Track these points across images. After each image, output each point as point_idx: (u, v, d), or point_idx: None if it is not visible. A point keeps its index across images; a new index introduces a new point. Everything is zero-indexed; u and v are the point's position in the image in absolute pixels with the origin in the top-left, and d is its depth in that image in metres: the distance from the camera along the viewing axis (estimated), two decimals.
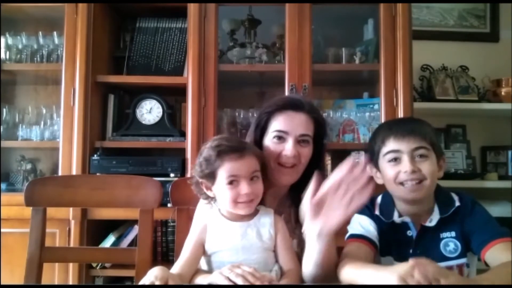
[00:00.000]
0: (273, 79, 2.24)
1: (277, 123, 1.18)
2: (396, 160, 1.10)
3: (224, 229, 1.09)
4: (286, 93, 2.06)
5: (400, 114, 2.05)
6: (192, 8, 2.09)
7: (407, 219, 1.12)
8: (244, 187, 1.05)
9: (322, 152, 1.23)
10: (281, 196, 1.25)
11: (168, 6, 2.17)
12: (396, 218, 1.13)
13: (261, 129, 1.21)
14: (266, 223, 1.10)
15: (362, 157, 2.21)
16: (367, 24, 2.32)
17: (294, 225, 1.22)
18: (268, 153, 1.17)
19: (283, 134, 1.17)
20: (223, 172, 1.06)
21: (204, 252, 1.09)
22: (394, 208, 1.14)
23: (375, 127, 2.16)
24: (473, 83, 2.52)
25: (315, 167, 1.18)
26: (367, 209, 1.15)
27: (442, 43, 2.63)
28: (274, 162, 1.17)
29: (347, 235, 1.15)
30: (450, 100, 2.44)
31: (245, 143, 1.14)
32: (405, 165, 1.08)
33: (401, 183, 1.09)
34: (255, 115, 2.21)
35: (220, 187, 1.07)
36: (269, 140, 1.19)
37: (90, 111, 2.07)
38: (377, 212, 1.15)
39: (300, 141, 1.17)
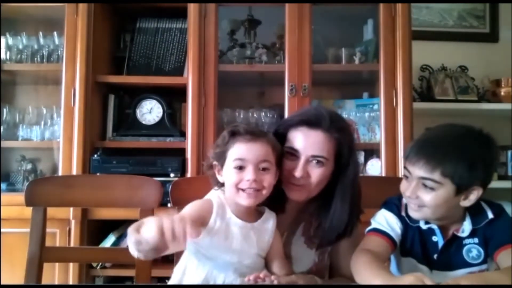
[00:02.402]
0: (273, 79, 2.25)
1: (291, 140, 1.11)
2: (407, 178, 1.08)
3: (228, 223, 1.03)
4: (286, 93, 2.06)
5: (400, 114, 2.05)
6: (192, 8, 2.09)
7: (434, 226, 1.11)
8: (248, 173, 0.99)
9: (346, 175, 1.11)
10: (303, 203, 1.19)
11: (168, 6, 2.17)
12: (422, 224, 1.11)
13: (279, 140, 1.14)
14: (268, 230, 1.07)
15: (361, 157, 2.23)
16: (366, 24, 2.33)
17: (313, 234, 1.18)
18: (282, 169, 1.12)
19: (294, 152, 1.10)
20: (232, 153, 1.01)
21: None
22: None
23: (375, 127, 2.19)
24: (472, 83, 2.52)
25: (336, 189, 1.13)
26: (395, 207, 1.14)
27: (442, 43, 2.64)
28: (285, 178, 1.12)
29: (370, 227, 1.14)
30: (450, 100, 2.45)
31: (264, 131, 1.07)
32: (408, 188, 1.06)
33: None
34: (255, 115, 2.24)
35: (227, 169, 1.02)
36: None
37: (90, 111, 2.07)
38: (403, 213, 1.13)
39: (312, 161, 1.09)
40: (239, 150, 1.01)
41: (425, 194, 1.03)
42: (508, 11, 2.63)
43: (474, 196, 1.04)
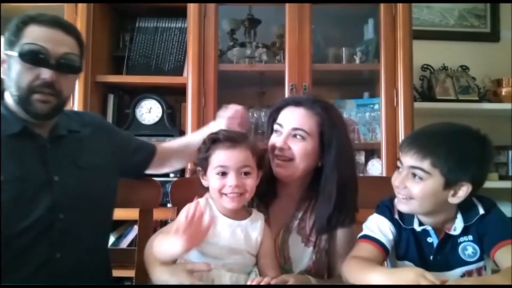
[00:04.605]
0: (273, 79, 2.24)
1: (278, 118, 1.20)
2: (399, 168, 1.09)
3: (215, 221, 1.06)
4: (286, 93, 2.06)
5: (401, 114, 2.05)
6: (192, 8, 2.08)
7: (428, 227, 1.10)
8: (230, 179, 1.04)
9: (332, 152, 1.15)
10: (298, 198, 1.23)
11: (168, 6, 2.17)
12: (416, 226, 1.10)
13: (271, 126, 1.23)
14: (256, 228, 1.09)
15: (362, 157, 2.22)
16: (367, 24, 2.32)
17: (309, 232, 1.20)
18: (268, 146, 1.19)
19: (279, 127, 1.18)
20: (214, 160, 1.06)
21: None
22: (414, 215, 1.11)
23: (375, 127, 2.19)
24: (473, 83, 2.52)
25: (325, 168, 1.17)
26: (387, 210, 1.13)
27: (443, 43, 2.63)
28: (272, 154, 1.18)
29: (361, 233, 1.13)
30: (451, 100, 2.44)
31: (245, 136, 1.12)
32: (398, 178, 1.07)
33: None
34: (255, 115, 2.23)
35: (210, 175, 1.07)
36: (272, 134, 1.21)
37: (90, 111, 2.06)
38: (396, 215, 1.12)
39: (295, 135, 1.15)
40: (220, 157, 1.05)
41: (414, 185, 1.04)
42: (509, 11, 2.63)
43: (462, 192, 1.03)
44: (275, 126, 1.19)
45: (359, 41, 2.32)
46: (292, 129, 1.15)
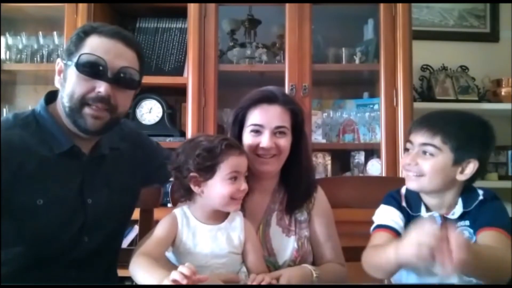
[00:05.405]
0: (273, 79, 2.24)
1: (253, 117, 1.21)
2: (408, 150, 1.13)
3: (194, 231, 1.07)
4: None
5: (400, 114, 2.05)
6: (192, 8, 2.09)
7: (435, 214, 1.12)
8: (243, 184, 1.06)
9: (302, 140, 1.26)
10: (271, 191, 1.27)
11: (168, 6, 2.17)
12: (424, 212, 1.13)
13: (239, 125, 1.24)
14: (236, 227, 1.10)
15: (362, 157, 2.23)
16: (367, 24, 2.33)
17: (288, 222, 1.23)
18: (247, 146, 1.20)
19: (259, 127, 1.19)
20: (226, 166, 1.04)
21: (173, 244, 1.07)
22: (421, 202, 1.14)
23: (375, 127, 2.19)
24: (473, 83, 2.52)
25: (297, 155, 1.24)
26: (394, 200, 1.16)
27: (442, 43, 2.63)
28: (253, 154, 1.19)
29: (374, 225, 1.15)
30: (450, 100, 2.45)
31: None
32: (409, 156, 1.11)
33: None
34: None
35: (218, 182, 1.05)
36: (247, 134, 1.22)
37: None
38: (404, 203, 1.15)
39: (276, 132, 1.19)
40: (234, 163, 1.06)
41: (425, 161, 1.08)
42: (509, 11, 2.63)
43: (469, 169, 1.07)
44: (254, 127, 1.20)
45: (359, 41, 2.32)
46: (275, 127, 1.19)
